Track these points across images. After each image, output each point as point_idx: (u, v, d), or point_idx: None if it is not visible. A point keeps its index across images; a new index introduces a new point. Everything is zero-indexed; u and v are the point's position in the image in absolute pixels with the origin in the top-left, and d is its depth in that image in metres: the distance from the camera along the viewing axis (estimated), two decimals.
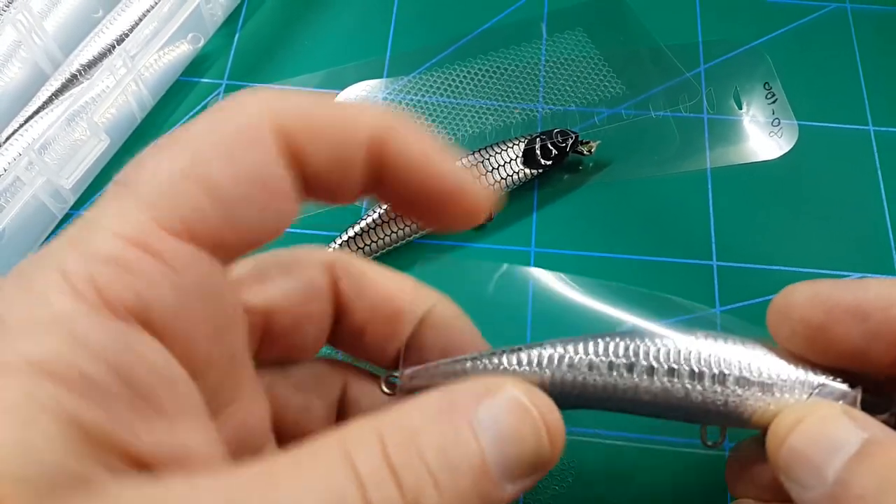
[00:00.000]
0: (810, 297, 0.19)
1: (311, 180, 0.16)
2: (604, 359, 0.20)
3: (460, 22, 0.37)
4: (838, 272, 0.31)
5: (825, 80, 0.36)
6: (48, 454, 0.12)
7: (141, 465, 0.13)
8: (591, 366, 0.20)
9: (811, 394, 0.19)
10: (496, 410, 0.15)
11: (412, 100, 0.35)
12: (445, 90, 0.35)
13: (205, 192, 0.15)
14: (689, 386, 0.19)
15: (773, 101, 0.35)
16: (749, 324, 0.22)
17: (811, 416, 0.18)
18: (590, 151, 0.33)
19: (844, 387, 0.19)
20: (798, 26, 0.37)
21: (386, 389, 0.21)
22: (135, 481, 0.13)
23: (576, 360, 0.20)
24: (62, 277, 0.14)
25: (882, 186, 0.33)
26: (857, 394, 0.19)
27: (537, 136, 0.33)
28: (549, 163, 0.32)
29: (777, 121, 0.35)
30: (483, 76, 0.36)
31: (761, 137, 0.34)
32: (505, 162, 0.32)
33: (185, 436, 0.14)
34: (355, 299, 0.20)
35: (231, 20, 0.37)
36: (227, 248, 0.15)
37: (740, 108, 0.35)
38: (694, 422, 0.20)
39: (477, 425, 0.15)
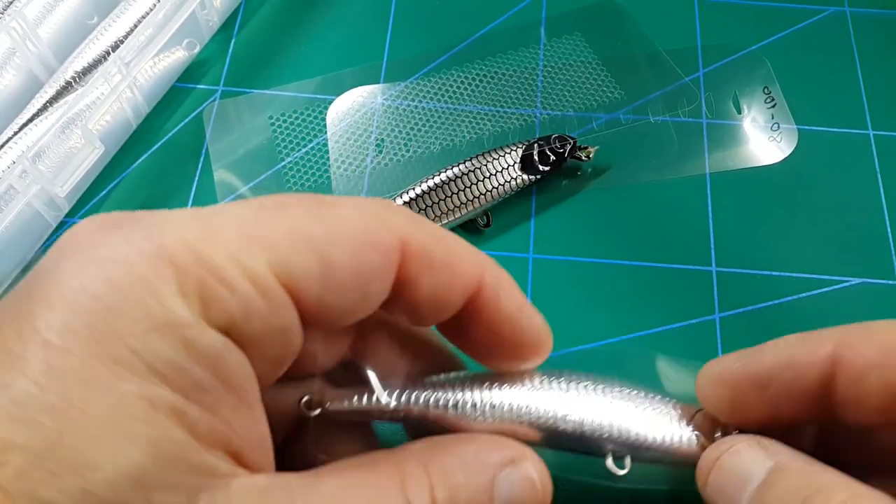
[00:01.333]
0: (716, 379, 0.21)
1: (405, 304, 0.19)
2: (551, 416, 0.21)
3: (458, 27, 0.37)
4: (837, 277, 0.31)
5: (824, 84, 0.36)
6: (177, 451, 0.15)
7: (236, 458, 0.16)
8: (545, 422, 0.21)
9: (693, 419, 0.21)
10: (514, 482, 0.19)
11: (409, 105, 0.35)
12: (443, 96, 0.35)
13: (320, 268, 0.17)
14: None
15: (773, 106, 0.35)
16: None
17: (727, 451, 0.19)
18: (588, 157, 0.33)
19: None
20: (797, 30, 0.37)
21: (306, 409, 0.21)
22: (243, 472, 0.16)
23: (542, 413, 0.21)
24: (174, 279, 0.15)
25: (882, 190, 0.33)
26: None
27: (535, 142, 0.32)
28: (548, 168, 0.32)
29: (776, 125, 0.35)
30: (480, 81, 0.36)
31: (761, 142, 0.34)
32: (503, 168, 0.32)
33: (264, 431, 0.17)
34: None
35: (227, 26, 0.37)
36: (307, 317, 0.17)
37: (739, 113, 0.35)
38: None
39: (496, 487, 0.18)
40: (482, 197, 0.31)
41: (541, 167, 0.32)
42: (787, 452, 0.19)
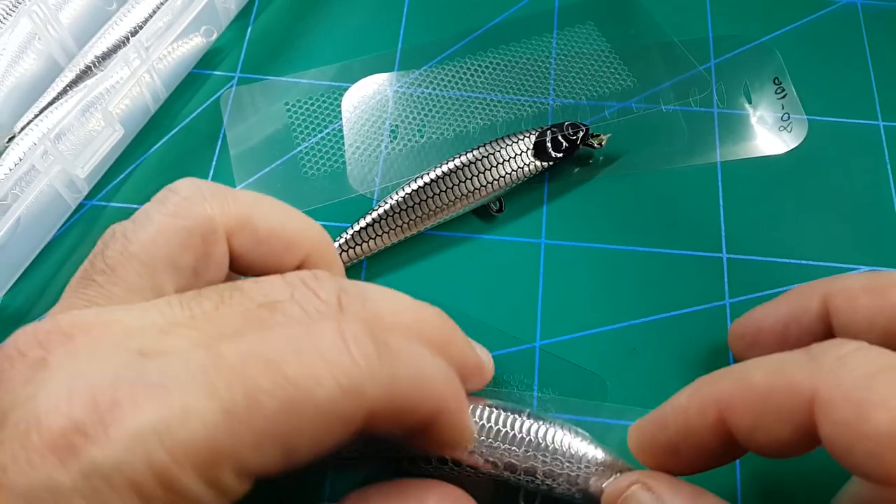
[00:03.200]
0: (636, 449, 0.23)
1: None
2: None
3: (471, 16, 0.38)
4: (847, 265, 0.31)
5: (835, 75, 0.36)
6: None
7: None
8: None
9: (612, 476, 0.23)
10: None
11: (423, 93, 0.35)
12: (456, 84, 0.36)
13: (281, 454, 0.18)
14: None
15: (783, 97, 0.35)
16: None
17: (619, 497, 0.22)
18: (600, 144, 0.33)
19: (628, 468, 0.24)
20: (808, 22, 0.37)
21: None
22: None
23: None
24: (137, 499, 0.16)
25: (891, 181, 0.33)
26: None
27: (548, 129, 0.33)
28: (560, 155, 0.32)
29: (787, 116, 0.35)
30: (494, 70, 0.36)
31: (771, 132, 0.34)
32: (515, 154, 0.32)
33: None
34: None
35: (244, 14, 0.38)
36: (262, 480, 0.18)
37: (750, 103, 0.35)
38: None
39: None
40: (495, 183, 0.32)
41: (553, 154, 0.32)
42: (671, 493, 0.21)
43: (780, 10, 0.38)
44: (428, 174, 0.32)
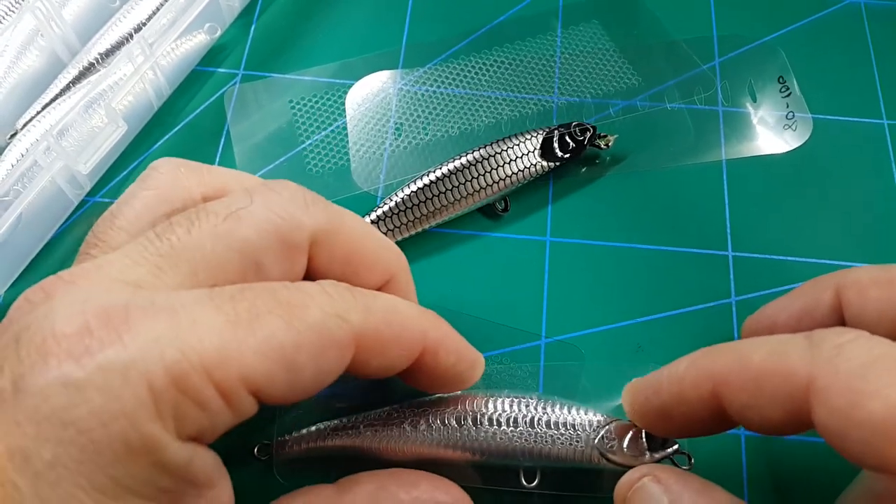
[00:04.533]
0: (628, 409, 0.24)
1: (355, 371, 0.21)
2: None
3: (476, 14, 0.38)
4: (852, 263, 0.31)
5: (839, 74, 0.36)
6: None
7: None
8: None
9: (603, 429, 0.25)
10: None
11: (427, 91, 0.35)
12: (461, 81, 0.36)
13: (286, 374, 0.18)
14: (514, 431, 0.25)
15: (788, 95, 0.35)
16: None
17: (630, 489, 0.22)
18: (607, 145, 0.33)
19: (627, 423, 0.25)
20: (812, 21, 0.37)
21: (259, 456, 0.26)
22: None
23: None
24: (152, 404, 0.17)
25: None
26: (643, 430, 0.24)
27: (555, 129, 0.33)
28: (567, 155, 0.32)
29: (791, 114, 0.35)
30: (498, 68, 0.36)
31: (776, 130, 0.34)
32: (522, 154, 0.32)
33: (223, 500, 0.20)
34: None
35: (248, 11, 0.38)
36: (268, 403, 0.19)
37: (755, 102, 0.35)
38: (517, 463, 0.25)
39: None
40: (501, 182, 0.32)
41: (560, 154, 0.32)
42: (679, 486, 0.21)
43: (784, 10, 0.38)
44: (433, 172, 0.32)
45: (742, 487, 0.27)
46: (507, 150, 0.32)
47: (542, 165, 0.32)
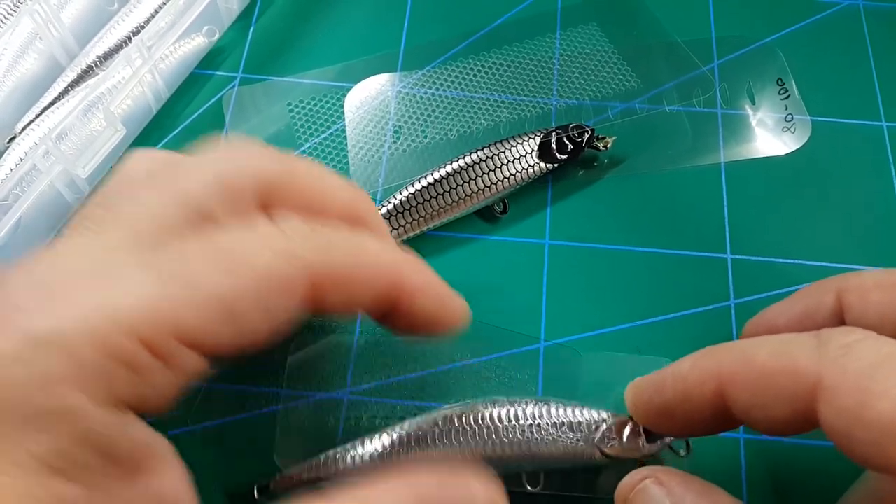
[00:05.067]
0: (631, 406, 0.24)
1: (315, 310, 0.20)
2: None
3: (475, 16, 0.37)
4: (851, 266, 0.31)
5: (838, 76, 0.36)
6: None
7: None
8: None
9: (602, 425, 0.25)
10: None
11: (426, 93, 0.35)
12: (459, 84, 0.36)
13: (230, 325, 0.17)
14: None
15: (786, 97, 0.35)
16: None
17: (632, 491, 0.22)
18: (605, 147, 0.33)
19: (626, 418, 0.25)
20: (811, 23, 0.37)
21: (260, 498, 0.26)
22: None
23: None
24: (72, 370, 0.16)
25: (895, 181, 0.33)
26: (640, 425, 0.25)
27: (553, 131, 0.33)
28: (565, 157, 0.32)
29: (790, 116, 0.35)
30: (497, 70, 0.36)
31: (775, 133, 0.34)
32: (520, 155, 0.32)
33: (163, 490, 0.17)
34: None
35: (246, 14, 0.38)
36: (219, 356, 0.18)
37: (754, 104, 0.35)
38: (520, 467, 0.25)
39: None
40: (499, 184, 0.32)
41: (558, 156, 0.32)
42: (682, 488, 0.21)
43: (782, 12, 0.38)
44: (431, 174, 0.32)
45: (741, 490, 0.27)
46: (504, 152, 0.32)
47: (540, 167, 0.32)
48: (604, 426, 0.25)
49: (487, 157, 0.32)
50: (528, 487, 0.26)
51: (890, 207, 0.33)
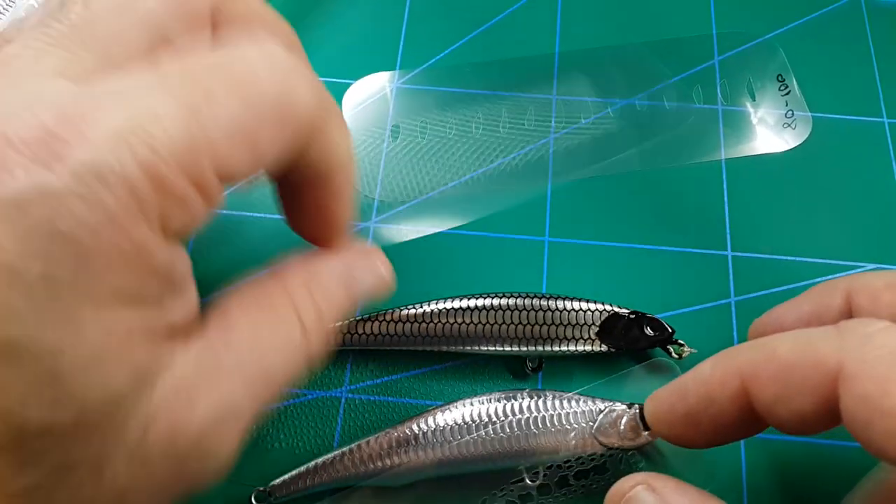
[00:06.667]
0: (653, 420, 0.23)
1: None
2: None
3: (474, 12, 0.37)
4: (852, 263, 0.31)
5: (839, 72, 0.36)
6: (144, 359, 0.17)
7: (173, 332, 0.18)
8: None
9: (600, 416, 0.25)
10: (370, 280, 0.23)
11: (425, 90, 0.35)
12: (458, 81, 0.35)
13: (252, 154, 0.18)
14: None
15: (787, 94, 0.35)
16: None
17: (622, 498, 0.21)
18: (680, 356, 0.28)
19: (625, 406, 0.26)
20: (812, 19, 0.37)
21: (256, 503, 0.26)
22: (181, 347, 0.18)
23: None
24: (138, 209, 0.16)
25: None
26: (636, 410, 0.25)
27: (622, 312, 0.29)
28: (628, 346, 0.28)
29: (791, 113, 0.35)
30: (496, 66, 0.36)
31: (775, 129, 0.34)
32: (580, 324, 0.28)
33: (194, 301, 0.19)
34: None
35: None
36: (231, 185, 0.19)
37: (754, 100, 0.35)
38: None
39: (358, 287, 0.23)
40: (545, 341, 0.28)
41: (619, 342, 0.28)
42: (675, 496, 0.21)
43: (783, 8, 0.37)
44: (465, 301, 0.29)
45: (741, 491, 0.27)
46: (559, 313, 0.28)
47: (595, 346, 0.28)
48: (601, 416, 0.25)
49: (539, 310, 0.28)
50: (528, 481, 0.26)
51: (891, 204, 0.33)
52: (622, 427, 0.25)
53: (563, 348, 0.28)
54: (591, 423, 0.25)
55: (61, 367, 0.16)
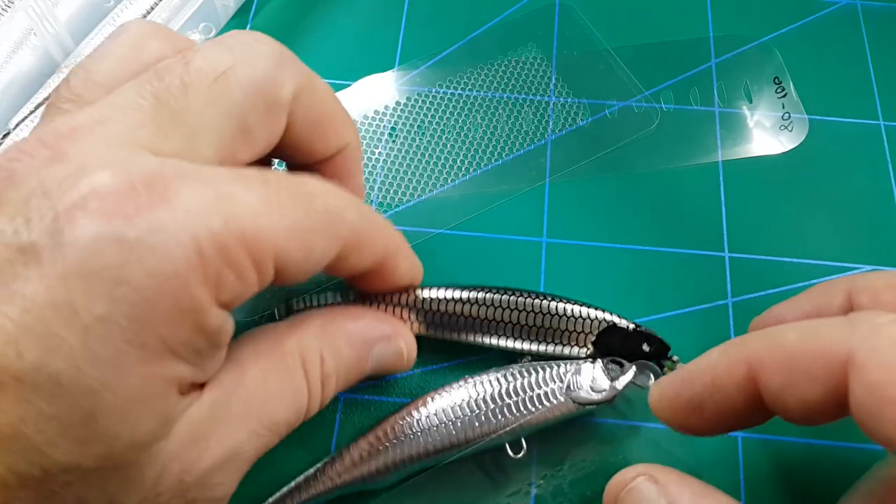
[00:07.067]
0: (657, 406, 0.23)
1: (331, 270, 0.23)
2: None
3: (473, 14, 0.37)
4: (848, 264, 0.31)
5: (835, 75, 0.36)
6: (165, 406, 0.19)
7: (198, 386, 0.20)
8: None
9: (568, 376, 0.26)
10: (385, 354, 0.25)
11: (422, 91, 0.35)
12: (457, 82, 0.35)
13: (304, 255, 0.20)
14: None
15: (784, 96, 0.35)
16: None
17: (624, 489, 0.21)
18: (671, 368, 0.28)
19: (589, 363, 0.26)
20: (808, 22, 0.37)
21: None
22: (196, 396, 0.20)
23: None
24: (200, 270, 0.17)
25: (892, 180, 0.33)
26: (600, 362, 0.26)
27: (620, 323, 0.27)
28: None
29: (787, 115, 0.35)
30: (494, 67, 0.36)
31: (772, 131, 0.34)
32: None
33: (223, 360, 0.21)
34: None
35: (243, 11, 0.37)
36: (282, 282, 0.21)
37: (751, 103, 0.35)
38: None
39: (371, 358, 0.25)
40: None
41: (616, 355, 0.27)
42: (678, 488, 0.21)
43: (780, 11, 0.38)
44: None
45: (740, 490, 0.27)
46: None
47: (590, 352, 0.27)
48: (569, 375, 0.26)
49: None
50: (512, 454, 0.26)
51: (886, 206, 0.33)
52: (592, 381, 0.26)
53: (557, 351, 0.27)
54: (560, 385, 0.26)
55: (98, 408, 0.16)
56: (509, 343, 0.28)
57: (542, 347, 0.28)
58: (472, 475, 0.26)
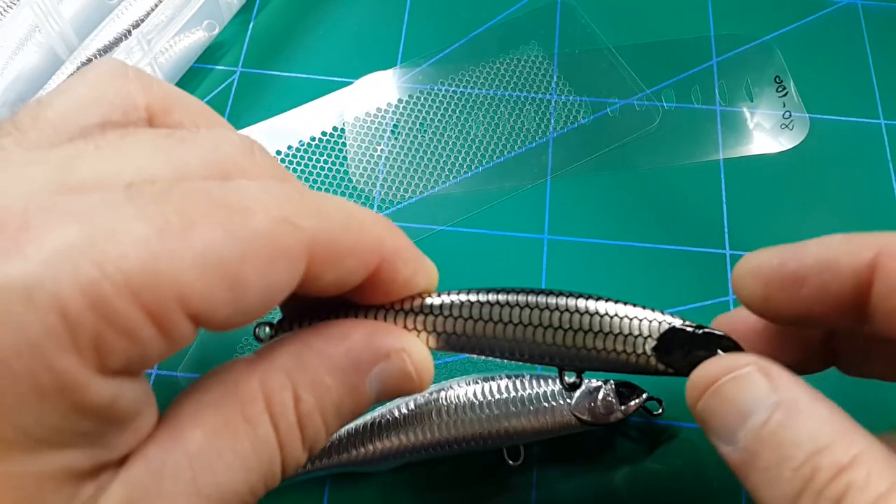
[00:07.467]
0: (752, 272, 0.20)
1: (308, 288, 0.18)
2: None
3: (475, 12, 0.38)
4: None
5: (836, 74, 0.36)
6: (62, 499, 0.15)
7: (114, 462, 0.16)
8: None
9: (576, 392, 0.25)
10: (387, 377, 0.19)
11: (424, 89, 0.35)
12: (459, 80, 0.36)
13: (230, 292, 0.15)
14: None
15: (784, 95, 0.35)
16: None
17: (729, 377, 0.18)
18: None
19: (600, 383, 0.25)
20: (809, 21, 0.37)
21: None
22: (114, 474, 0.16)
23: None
24: (67, 334, 0.14)
25: (892, 178, 0.33)
26: (612, 385, 0.25)
27: (676, 323, 0.21)
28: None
29: (788, 114, 0.35)
30: (496, 65, 0.36)
31: (773, 130, 0.35)
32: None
33: (147, 425, 0.16)
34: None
35: (246, 8, 0.38)
36: (210, 328, 0.16)
37: (752, 101, 0.35)
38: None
39: (368, 385, 0.19)
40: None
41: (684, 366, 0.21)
42: (792, 386, 0.18)
43: (781, 10, 0.38)
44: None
45: (739, 494, 0.27)
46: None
47: (650, 362, 0.21)
48: (577, 393, 0.25)
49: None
50: (510, 462, 0.26)
51: (887, 203, 0.33)
52: (599, 402, 0.25)
53: (606, 362, 0.21)
54: (568, 401, 0.26)
55: None
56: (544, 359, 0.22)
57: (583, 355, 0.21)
58: (471, 475, 0.27)
